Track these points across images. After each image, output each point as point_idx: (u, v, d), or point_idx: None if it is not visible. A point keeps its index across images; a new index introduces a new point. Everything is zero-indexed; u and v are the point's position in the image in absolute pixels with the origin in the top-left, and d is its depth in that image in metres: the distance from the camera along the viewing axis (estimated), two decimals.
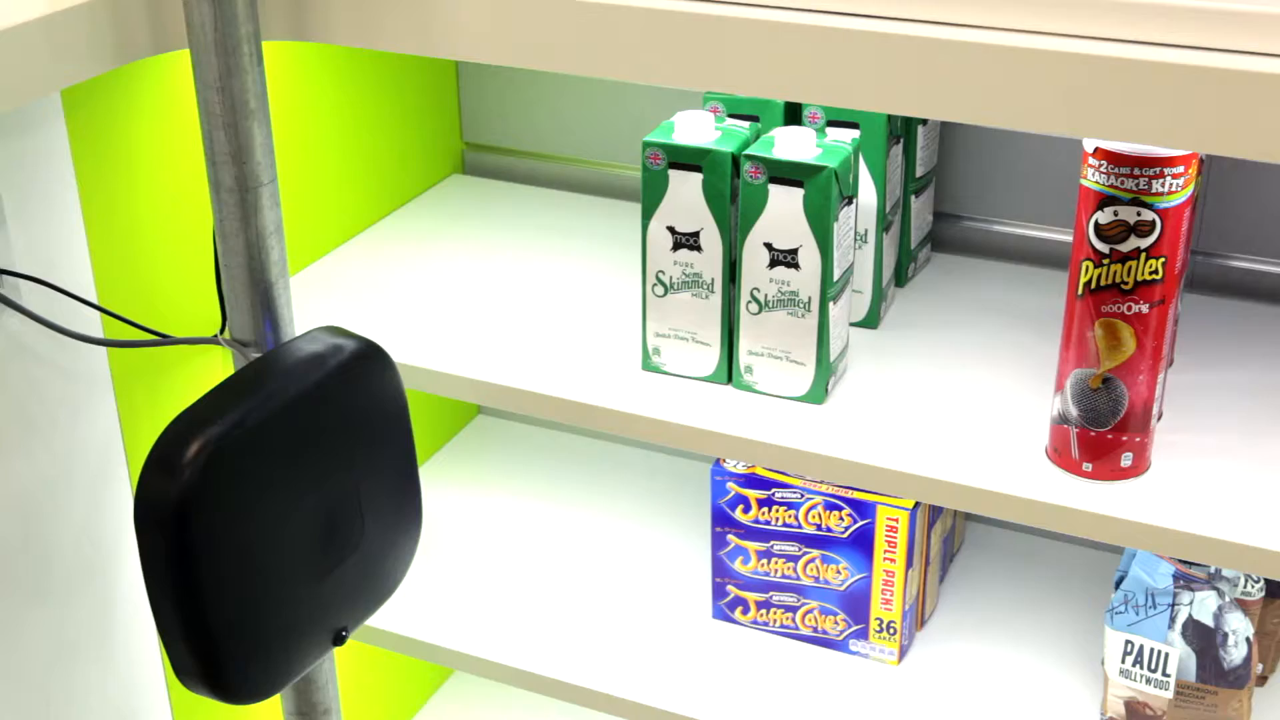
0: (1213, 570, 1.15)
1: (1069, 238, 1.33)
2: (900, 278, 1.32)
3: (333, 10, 1.02)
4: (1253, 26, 0.82)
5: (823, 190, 1.07)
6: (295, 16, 1.03)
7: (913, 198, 1.29)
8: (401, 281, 1.35)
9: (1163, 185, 0.95)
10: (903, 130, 1.24)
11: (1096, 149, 0.96)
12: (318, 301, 1.32)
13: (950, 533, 1.38)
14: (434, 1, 0.98)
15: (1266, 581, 1.19)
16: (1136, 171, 0.95)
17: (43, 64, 0.94)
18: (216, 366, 1.28)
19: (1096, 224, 0.97)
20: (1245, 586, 1.17)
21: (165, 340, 1.08)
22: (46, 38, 0.94)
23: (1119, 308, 0.99)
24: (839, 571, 1.27)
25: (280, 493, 0.97)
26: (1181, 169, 0.95)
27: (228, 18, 0.95)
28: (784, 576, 1.30)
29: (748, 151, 1.09)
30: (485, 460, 1.60)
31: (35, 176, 1.06)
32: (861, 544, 1.25)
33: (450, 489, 1.56)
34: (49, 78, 0.95)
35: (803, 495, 1.26)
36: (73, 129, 1.08)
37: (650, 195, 1.13)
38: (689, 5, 0.92)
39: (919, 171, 1.29)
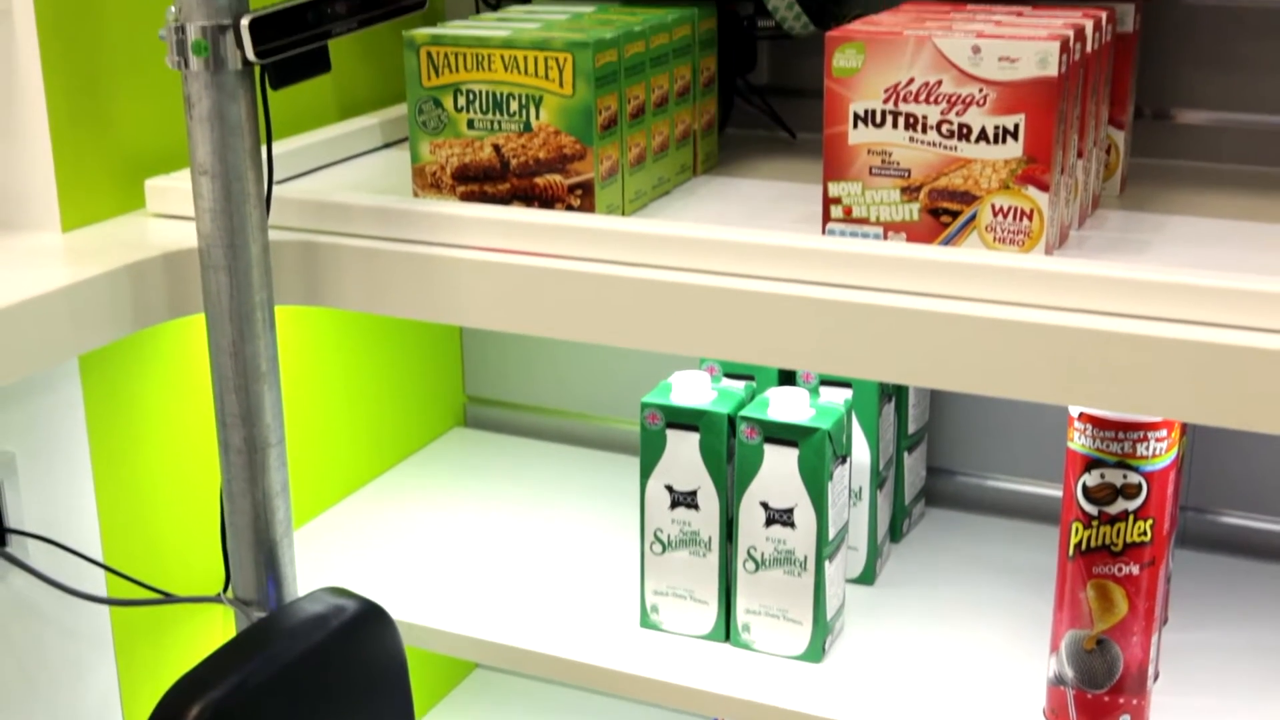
0: None
1: (1061, 493, 1.35)
2: (895, 533, 1.33)
3: (343, 278, 1.06)
4: (1231, 302, 0.85)
5: (817, 451, 1.10)
6: (307, 284, 1.07)
7: (906, 454, 1.32)
8: (403, 537, 1.36)
9: (1147, 449, 0.98)
10: (895, 389, 1.27)
11: (1081, 413, 0.99)
12: (320, 557, 1.33)
13: None
14: (440, 271, 1.02)
15: None
16: (1121, 435, 0.98)
17: (64, 331, 0.98)
18: (218, 624, 1.29)
19: (1084, 486, 0.99)
20: None
21: (169, 599, 1.09)
22: (69, 306, 0.98)
23: (1110, 569, 1.00)
24: None
25: None
26: (1165, 433, 0.98)
27: (243, 285, 0.99)
28: None
29: (743, 412, 1.12)
30: (483, 716, 1.59)
31: (49, 436, 1.08)
32: None
33: None
34: (69, 344, 0.99)
35: None
36: (88, 390, 1.11)
37: (648, 454, 1.16)
38: (686, 277, 0.96)
39: (911, 428, 1.32)
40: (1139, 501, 0.99)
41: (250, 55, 0.91)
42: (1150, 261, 0.97)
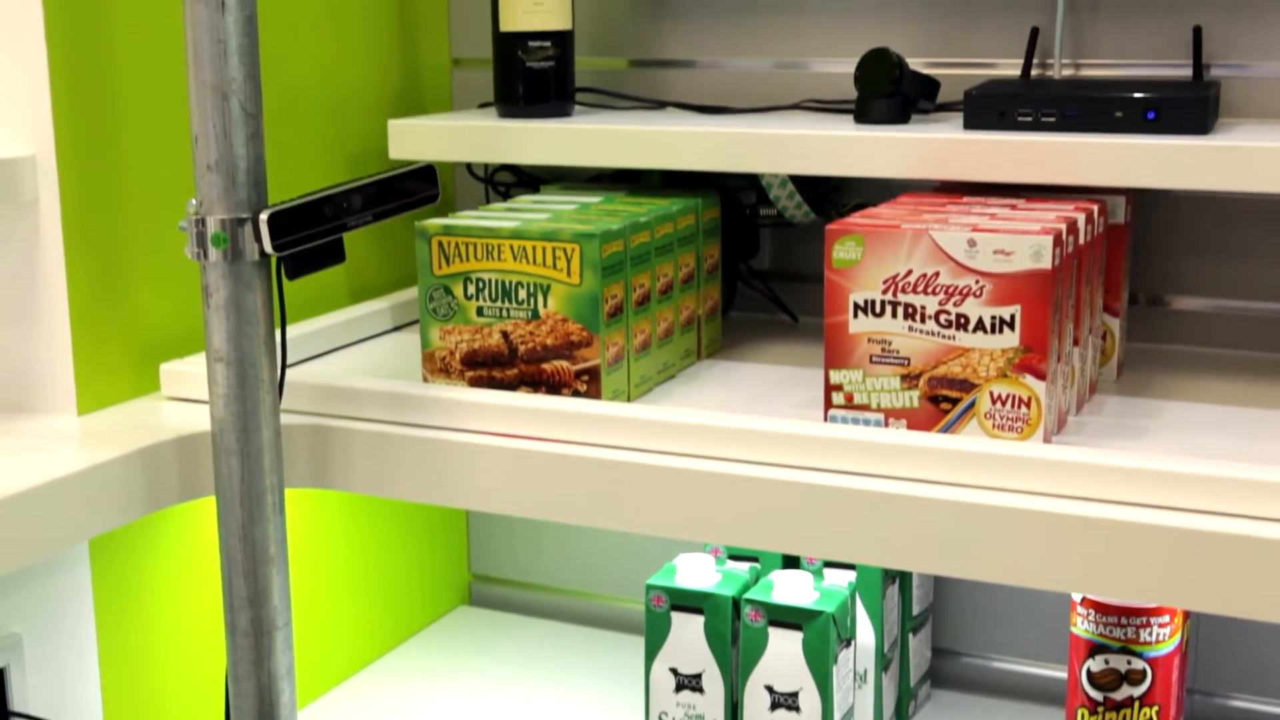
0: None
1: (1066, 674, 1.34)
2: (901, 716, 1.32)
3: (353, 463, 1.07)
4: (1230, 491, 0.87)
5: (821, 634, 1.10)
6: (317, 468, 1.09)
7: (911, 635, 1.32)
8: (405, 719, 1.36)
9: (1150, 634, 0.98)
10: (899, 570, 1.28)
11: (1084, 598, 0.99)
12: None
13: None
14: (449, 456, 1.04)
15: None
16: (1124, 621, 0.98)
17: (76, 516, 0.99)
18: None
19: (1089, 672, 0.99)
20: None
21: None
22: (82, 490, 0.99)
23: None
24: None
25: None
26: (1167, 618, 0.98)
27: (254, 469, 1.01)
28: None
29: (748, 595, 1.13)
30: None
31: (56, 618, 1.09)
32: None
33: None
34: (81, 528, 1.00)
35: None
36: (96, 572, 1.12)
37: (653, 636, 1.16)
38: (691, 463, 0.98)
39: (916, 609, 1.32)
40: (1144, 687, 0.99)
41: (268, 248, 0.94)
42: (1148, 448, 0.99)
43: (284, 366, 1.01)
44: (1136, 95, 1.06)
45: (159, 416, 1.10)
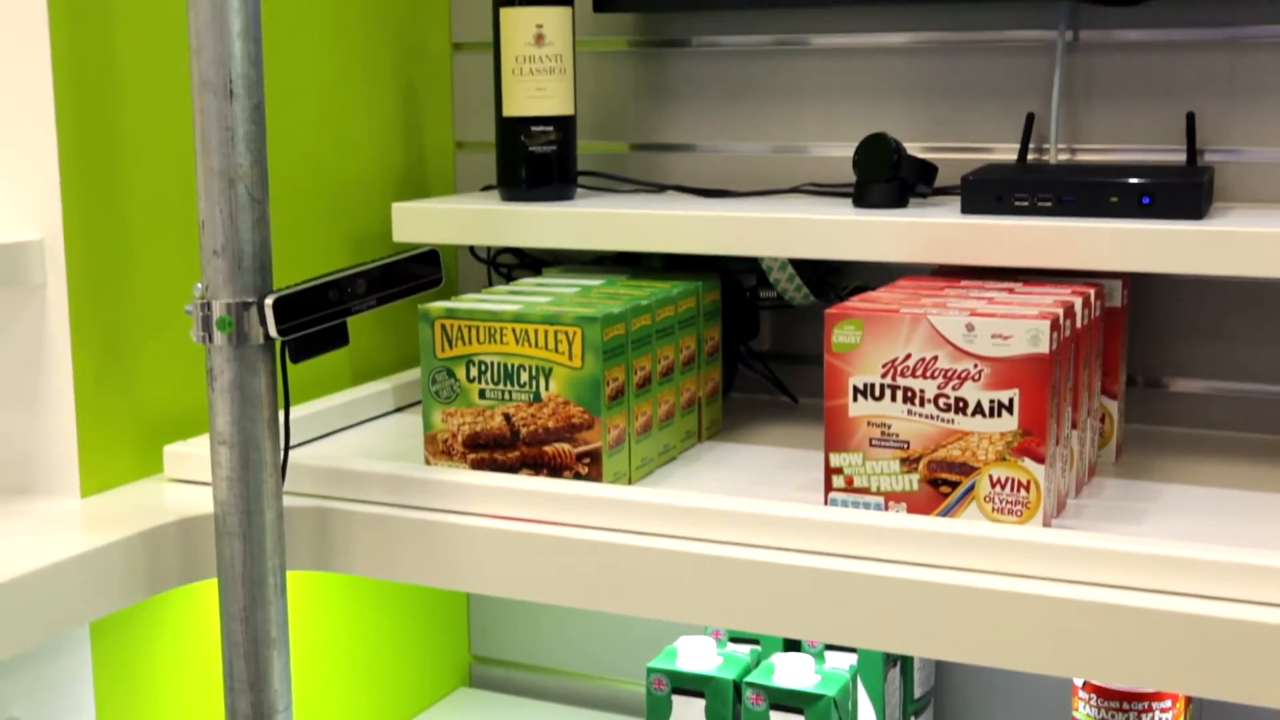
0: None
1: None
2: None
3: (354, 545, 1.08)
4: (1230, 576, 0.87)
5: (823, 717, 1.10)
6: (319, 550, 1.09)
7: (913, 719, 1.31)
8: None
9: (1152, 719, 0.98)
10: (900, 654, 1.27)
11: (1085, 682, 0.99)
12: None
13: None
14: (451, 539, 1.04)
15: None
16: (1126, 706, 0.98)
17: (78, 599, 0.99)
18: None
19: None
20: None
21: None
22: (84, 573, 0.99)
23: None
24: None
25: None
26: (1170, 703, 0.98)
27: (256, 552, 1.01)
28: None
29: (749, 679, 1.13)
30: None
31: (57, 701, 1.09)
32: None
33: None
34: (83, 612, 1.00)
35: None
36: (97, 654, 1.12)
37: None
38: (692, 546, 0.98)
39: (917, 693, 1.32)
40: None
41: (273, 332, 0.95)
42: (1148, 531, 0.99)
43: (287, 449, 1.01)
44: (1131, 180, 1.08)
45: (161, 498, 1.11)
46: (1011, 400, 0.96)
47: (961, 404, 0.98)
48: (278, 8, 1.25)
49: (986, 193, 1.12)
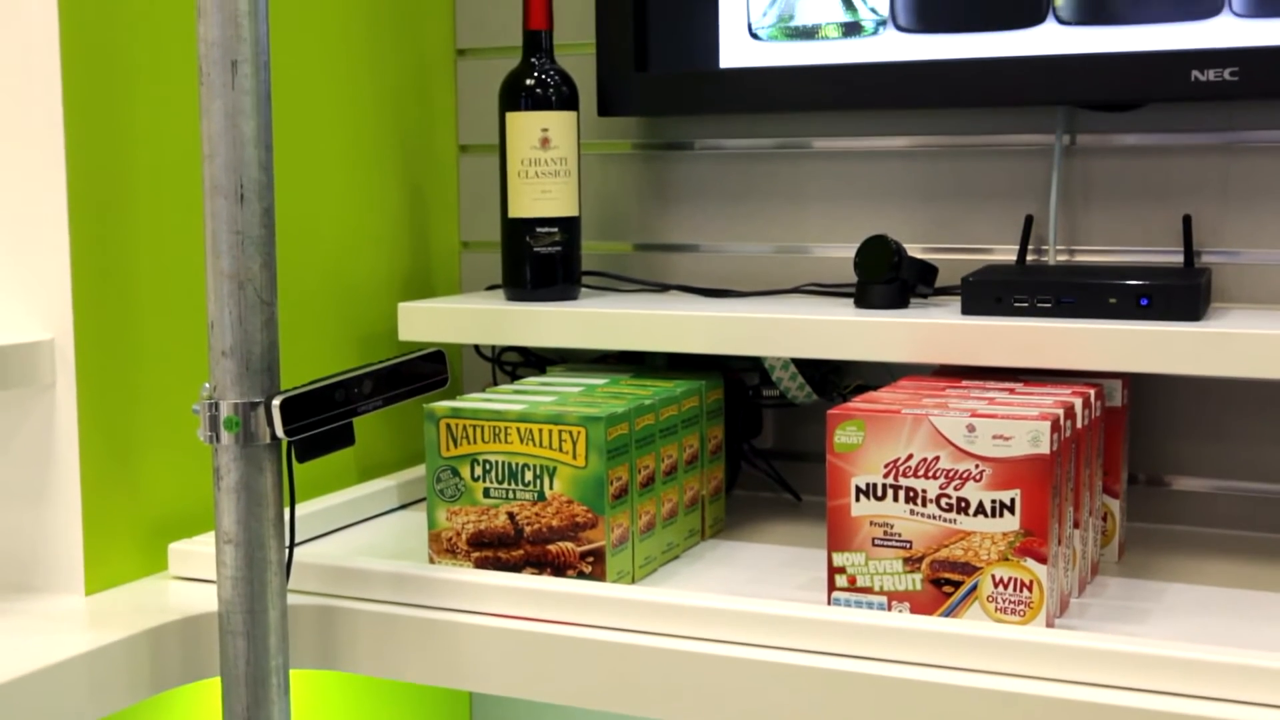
0: None
1: None
2: None
3: (358, 644, 1.08)
4: (1233, 678, 0.87)
5: None
6: (322, 649, 1.09)
7: None
8: None
9: None
10: None
11: None
12: None
13: None
14: (454, 638, 1.04)
15: None
16: None
17: (80, 699, 0.99)
18: None
19: None
20: None
21: None
22: (87, 673, 0.99)
23: None
24: None
25: None
26: None
27: (260, 651, 1.01)
28: None
29: None
30: None
31: None
32: None
33: None
34: (85, 712, 0.99)
35: None
36: None
37: None
38: (695, 645, 0.98)
39: None
40: None
41: (280, 432, 0.96)
42: (1151, 632, 0.99)
43: (292, 547, 1.02)
44: (1130, 282, 1.09)
45: (165, 597, 1.11)
46: (1013, 500, 0.97)
47: (963, 504, 0.98)
48: (288, 111, 1.27)
49: (986, 294, 1.13)
